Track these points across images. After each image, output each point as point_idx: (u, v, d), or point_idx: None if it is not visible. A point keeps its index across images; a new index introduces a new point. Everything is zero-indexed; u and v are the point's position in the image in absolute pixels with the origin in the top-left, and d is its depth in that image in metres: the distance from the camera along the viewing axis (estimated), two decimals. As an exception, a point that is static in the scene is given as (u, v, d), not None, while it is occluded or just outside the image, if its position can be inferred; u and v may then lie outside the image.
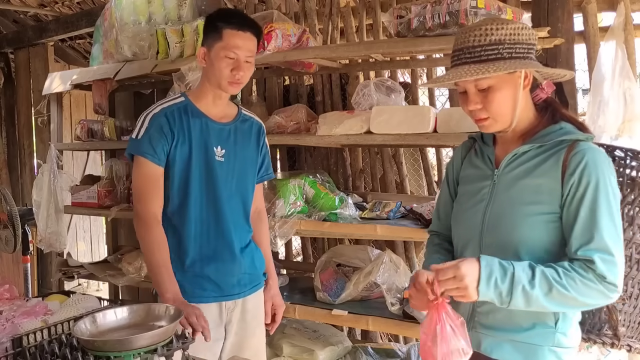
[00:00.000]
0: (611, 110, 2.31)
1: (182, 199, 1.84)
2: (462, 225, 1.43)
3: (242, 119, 1.97)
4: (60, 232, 3.29)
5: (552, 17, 2.40)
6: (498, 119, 1.32)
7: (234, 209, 1.91)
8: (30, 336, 1.31)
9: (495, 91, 1.29)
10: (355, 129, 2.33)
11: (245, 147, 1.95)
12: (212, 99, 1.89)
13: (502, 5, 2.01)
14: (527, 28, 1.30)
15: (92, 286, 5.79)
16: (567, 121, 1.33)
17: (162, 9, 2.82)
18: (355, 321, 2.36)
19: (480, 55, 1.27)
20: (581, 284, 1.20)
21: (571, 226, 1.24)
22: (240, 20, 1.83)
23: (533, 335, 1.30)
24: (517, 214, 1.30)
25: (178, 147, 1.81)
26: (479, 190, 1.39)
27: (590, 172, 1.23)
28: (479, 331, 1.36)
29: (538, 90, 1.35)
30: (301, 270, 3.19)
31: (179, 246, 1.85)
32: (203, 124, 1.85)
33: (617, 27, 2.33)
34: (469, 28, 1.31)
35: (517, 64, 1.26)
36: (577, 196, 1.23)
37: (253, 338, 1.98)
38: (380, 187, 2.99)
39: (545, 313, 1.29)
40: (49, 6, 4.72)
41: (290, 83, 3.24)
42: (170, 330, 1.29)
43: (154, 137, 1.79)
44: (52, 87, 3.38)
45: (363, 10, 2.94)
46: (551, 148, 1.30)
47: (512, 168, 1.34)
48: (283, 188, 2.48)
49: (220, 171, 1.86)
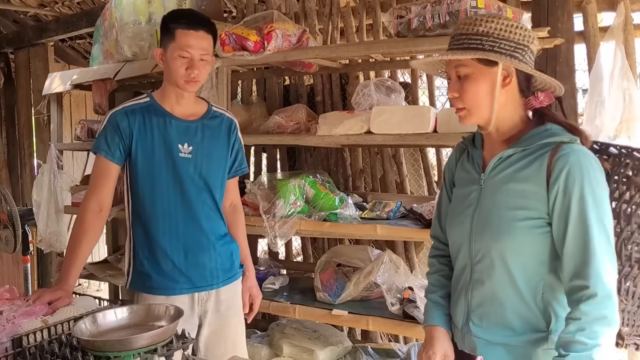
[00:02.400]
0: (609, 110, 2.31)
1: (149, 194, 1.91)
2: (453, 230, 1.43)
3: (211, 115, 2.02)
4: (60, 232, 3.29)
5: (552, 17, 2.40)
6: (473, 111, 1.32)
7: (204, 202, 1.96)
8: (30, 336, 1.31)
9: (470, 81, 1.30)
10: (355, 129, 2.33)
11: (214, 143, 1.99)
12: (175, 98, 1.94)
13: (502, 5, 2.02)
14: (525, 29, 1.29)
15: (92, 286, 5.79)
16: (555, 123, 1.31)
17: (162, 9, 2.82)
18: (355, 321, 2.36)
19: (463, 43, 1.29)
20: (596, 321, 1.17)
21: (561, 242, 1.23)
22: (191, 20, 1.87)
23: (526, 339, 1.29)
24: (502, 219, 1.28)
25: (139, 144, 1.88)
26: (468, 195, 1.39)
27: (575, 178, 1.20)
28: (474, 335, 1.35)
29: (532, 97, 1.33)
30: (301, 270, 3.19)
31: (149, 241, 1.92)
32: (166, 122, 1.91)
33: (616, 27, 2.33)
34: (465, 19, 1.34)
35: (488, 55, 1.26)
36: (564, 207, 1.21)
37: (228, 328, 2.03)
38: (380, 187, 2.99)
39: (537, 318, 1.28)
40: (49, 6, 4.72)
41: (290, 83, 3.24)
42: (170, 330, 1.29)
43: (109, 135, 1.88)
44: (52, 87, 3.38)
45: (363, 10, 2.94)
46: (535, 151, 1.27)
47: (498, 172, 1.32)
48: (283, 188, 2.48)
49: (187, 167, 1.92)
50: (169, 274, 1.91)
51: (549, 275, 1.27)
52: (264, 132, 2.67)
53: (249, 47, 2.44)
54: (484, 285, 1.32)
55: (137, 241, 1.95)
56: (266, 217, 2.43)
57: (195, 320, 1.97)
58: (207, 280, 1.96)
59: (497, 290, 1.30)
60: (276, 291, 2.69)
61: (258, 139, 2.77)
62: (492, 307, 1.32)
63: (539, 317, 1.28)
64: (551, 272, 1.27)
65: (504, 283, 1.29)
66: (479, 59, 1.28)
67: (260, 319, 3.36)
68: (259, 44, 2.43)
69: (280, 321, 2.85)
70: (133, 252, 1.96)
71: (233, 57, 2.49)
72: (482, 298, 1.33)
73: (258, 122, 2.82)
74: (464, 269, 1.38)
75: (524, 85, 1.32)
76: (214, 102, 2.47)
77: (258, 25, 2.54)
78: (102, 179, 1.90)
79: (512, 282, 1.28)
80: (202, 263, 1.95)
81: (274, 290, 2.70)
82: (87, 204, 1.88)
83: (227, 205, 2.11)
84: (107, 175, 1.90)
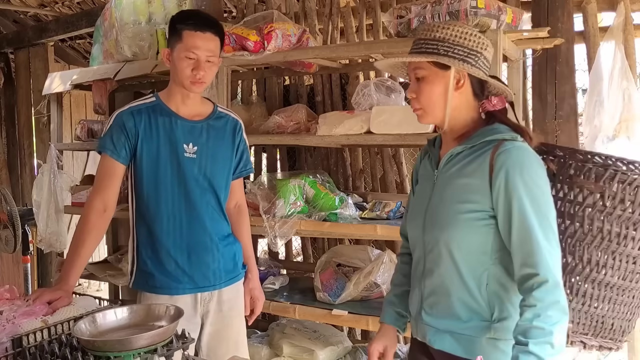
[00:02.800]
0: (608, 110, 2.31)
1: (153, 194, 1.90)
2: (410, 225, 1.51)
3: (217, 116, 2.02)
4: (60, 232, 3.29)
5: (552, 17, 2.41)
6: (428, 111, 1.39)
7: (208, 202, 1.96)
8: (30, 336, 1.31)
9: (426, 83, 1.38)
10: (355, 129, 2.33)
11: (219, 143, 1.99)
12: (181, 98, 1.94)
13: (502, 5, 2.01)
14: (479, 37, 1.37)
15: (92, 286, 5.79)
16: (503, 124, 1.37)
17: (162, 9, 2.83)
18: (355, 321, 2.36)
19: (420, 47, 1.38)
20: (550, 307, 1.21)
21: (507, 235, 1.28)
22: (198, 21, 1.87)
23: (470, 327, 1.34)
24: (448, 212, 1.35)
25: (144, 144, 1.89)
26: (423, 190, 1.47)
27: (514, 173, 1.26)
28: (426, 323, 1.42)
29: (486, 101, 1.39)
30: (301, 270, 3.19)
31: (153, 241, 1.92)
32: (172, 122, 1.91)
33: (616, 27, 2.34)
34: (426, 25, 1.42)
35: (441, 59, 1.33)
36: (507, 201, 1.27)
37: (230, 329, 2.04)
38: (380, 187, 2.99)
39: (481, 307, 1.33)
40: (49, 6, 4.72)
41: (290, 83, 3.24)
42: (170, 330, 1.29)
43: (115, 134, 1.88)
44: (52, 87, 3.38)
45: (363, 10, 2.95)
46: (481, 148, 1.34)
47: (448, 168, 1.39)
48: (283, 188, 2.48)
49: (191, 167, 1.92)
50: (172, 274, 1.91)
51: (493, 266, 1.33)
52: (264, 132, 2.67)
53: (249, 47, 2.44)
54: (433, 275, 1.39)
55: (141, 241, 1.95)
56: (266, 217, 2.43)
57: (197, 320, 1.97)
58: (209, 280, 1.96)
59: (445, 279, 1.37)
60: (276, 291, 2.69)
61: (258, 139, 2.76)
62: (440, 296, 1.38)
63: (483, 306, 1.33)
64: (496, 264, 1.32)
65: (450, 273, 1.36)
66: (434, 63, 1.36)
67: (260, 319, 3.36)
68: (259, 44, 2.43)
69: (280, 321, 2.85)
70: (137, 251, 1.96)
71: (233, 57, 2.49)
72: (432, 287, 1.40)
73: (258, 122, 2.81)
74: (419, 260, 1.45)
75: (478, 89, 1.40)
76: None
77: (258, 25, 2.54)
78: (107, 178, 1.89)
79: (458, 272, 1.35)
80: (205, 263, 1.95)
81: (274, 290, 2.70)
82: (92, 203, 1.87)
83: (232, 206, 2.11)
84: (112, 175, 1.89)
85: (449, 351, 1.36)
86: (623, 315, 1.49)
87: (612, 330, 1.50)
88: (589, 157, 1.41)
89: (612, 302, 1.46)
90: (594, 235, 1.41)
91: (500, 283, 1.32)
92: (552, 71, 2.49)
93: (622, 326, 1.51)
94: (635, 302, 1.48)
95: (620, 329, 1.51)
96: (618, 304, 1.46)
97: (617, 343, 1.53)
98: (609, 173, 1.36)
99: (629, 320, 1.51)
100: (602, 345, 1.52)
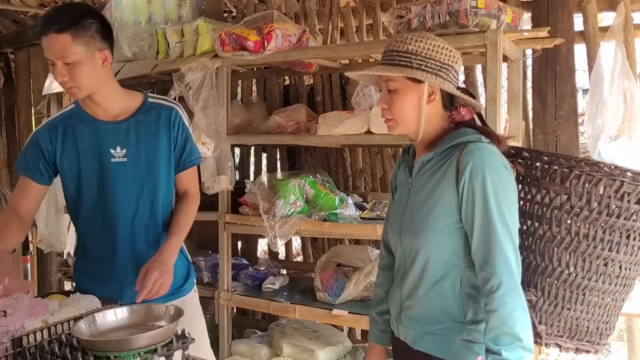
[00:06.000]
0: (610, 110, 2.31)
1: (76, 207, 1.81)
2: (390, 232, 1.53)
3: (147, 109, 1.81)
4: (60, 232, 3.29)
5: (552, 17, 2.41)
6: (400, 122, 1.41)
7: (144, 210, 1.80)
8: (30, 336, 1.31)
9: (398, 95, 1.38)
10: (355, 129, 2.33)
11: (151, 139, 1.79)
12: (91, 101, 1.76)
13: (502, 5, 2.01)
14: (450, 50, 1.37)
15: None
16: (470, 128, 1.39)
17: (162, 9, 2.83)
18: (355, 321, 2.36)
19: (393, 59, 1.37)
20: (514, 310, 1.24)
21: (470, 235, 1.31)
22: (43, 23, 1.64)
23: (446, 328, 1.37)
24: (422, 218, 1.37)
25: (64, 159, 1.77)
26: (400, 198, 1.49)
27: (477, 172, 1.28)
28: (405, 324, 1.45)
29: (455, 112, 1.41)
30: (301, 270, 3.19)
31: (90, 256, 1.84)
32: (93, 127, 1.76)
33: (617, 27, 2.34)
34: (397, 35, 1.43)
35: (415, 74, 1.34)
36: (470, 200, 1.29)
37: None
38: (380, 187, 2.99)
39: (455, 308, 1.36)
40: (49, 6, 4.72)
41: (290, 83, 3.24)
42: (170, 330, 1.29)
43: (29, 154, 1.79)
44: (52, 87, 3.37)
45: (363, 10, 2.95)
46: (449, 153, 1.36)
47: (420, 175, 1.42)
48: (283, 188, 2.48)
49: (121, 172, 1.76)
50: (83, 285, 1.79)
51: (467, 269, 1.35)
52: (264, 132, 2.67)
53: (249, 47, 2.44)
54: (410, 278, 1.42)
55: (78, 255, 1.89)
56: (266, 217, 2.43)
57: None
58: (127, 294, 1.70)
59: (421, 282, 1.39)
60: (276, 291, 2.70)
61: (258, 139, 2.77)
62: (417, 299, 1.41)
63: (457, 308, 1.36)
64: (469, 267, 1.34)
65: (426, 276, 1.38)
66: (407, 76, 1.36)
67: (260, 319, 3.37)
68: (259, 44, 2.43)
69: (280, 321, 2.85)
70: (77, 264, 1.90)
71: (233, 57, 2.49)
72: (410, 290, 1.42)
73: (258, 122, 2.81)
74: (400, 265, 1.48)
75: (447, 101, 1.42)
76: (214, 102, 2.44)
77: (258, 25, 2.54)
78: (23, 197, 1.79)
79: (434, 276, 1.37)
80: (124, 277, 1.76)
81: (274, 290, 2.70)
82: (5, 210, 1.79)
83: (180, 194, 1.90)
84: (28, 194, 1.79)
85: (428, 352, 1.39)
86: (599, 318, 1.47)
87: (589, 332, 1.48)
88: (554, 158, 1.41)
89: (586, 304, 1.44)
90: (562, 237, 1.40)
91: (474, 286, 1.34)
92: (552, 71, 2.49)
93: (599, 328, 1.48)
94: (611, 303, 1.46)
95: (597, 331, 1.48)
96: (592, 305, 1.44)
97: (596, 346, 1.50)
98: (574, 174, 1.36)
99: (606, 322, 1.49)
100: (578, 347, 1.50)
